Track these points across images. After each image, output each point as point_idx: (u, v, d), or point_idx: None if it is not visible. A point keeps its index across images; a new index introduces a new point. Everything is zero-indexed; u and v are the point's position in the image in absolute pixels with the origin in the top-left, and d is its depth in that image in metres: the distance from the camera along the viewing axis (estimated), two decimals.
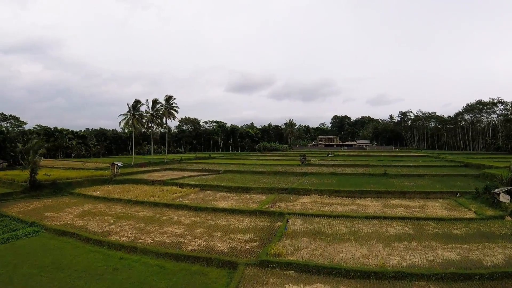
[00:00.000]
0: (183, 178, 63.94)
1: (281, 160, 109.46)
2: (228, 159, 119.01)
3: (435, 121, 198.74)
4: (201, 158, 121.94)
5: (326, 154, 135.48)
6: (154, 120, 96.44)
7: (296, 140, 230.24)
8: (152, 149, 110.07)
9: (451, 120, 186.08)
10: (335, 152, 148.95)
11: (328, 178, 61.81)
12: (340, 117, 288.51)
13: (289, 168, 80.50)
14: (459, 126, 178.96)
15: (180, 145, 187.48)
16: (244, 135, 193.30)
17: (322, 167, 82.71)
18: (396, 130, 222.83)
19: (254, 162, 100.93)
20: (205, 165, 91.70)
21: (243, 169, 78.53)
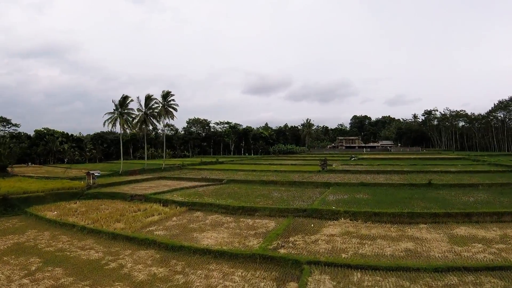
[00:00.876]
0: (172, 192, 51.29)
1: (297, 165, 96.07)
2: (238, 164, 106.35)
3: (464, 120, 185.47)
4: (207, 163, 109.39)
5: (348, 157, 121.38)
6: (147, 120, 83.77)
7: (314, 142, 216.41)
8: (146, 153, 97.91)
9: (482, 118, 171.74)
10: (358, 155, 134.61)
11: (358, 190, 48.18)
12: (359, 117, 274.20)
13: (307, 176, 67.07)
14: (491, 125, 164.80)
15: (188, 148, 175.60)
16: (257, 137, 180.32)
17: (347, 174, 69.15)
18: (421, 130, 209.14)
19: (267, 168, 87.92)
20: (208, 173, 79.23)
21: (252, 177, 65.45)
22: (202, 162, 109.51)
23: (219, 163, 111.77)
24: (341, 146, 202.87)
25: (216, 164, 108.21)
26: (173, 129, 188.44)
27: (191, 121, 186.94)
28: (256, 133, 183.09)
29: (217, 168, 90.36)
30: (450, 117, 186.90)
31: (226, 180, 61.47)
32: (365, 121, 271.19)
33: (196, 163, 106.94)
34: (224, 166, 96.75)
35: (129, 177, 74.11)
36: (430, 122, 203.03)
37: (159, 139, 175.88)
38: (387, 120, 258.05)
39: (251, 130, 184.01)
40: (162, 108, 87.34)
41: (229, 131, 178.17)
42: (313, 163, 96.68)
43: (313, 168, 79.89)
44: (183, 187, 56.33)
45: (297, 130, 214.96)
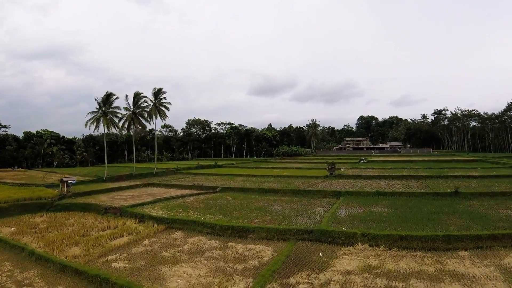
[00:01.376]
0: (154, 204, 44.29)
1: (302, 169, 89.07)
2: (238, 168, 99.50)
3: (476, 120, 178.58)
4: (204, 167, 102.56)
5: (357, 160, 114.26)
6: (135, 120, 76.82)
7: (319, 143, 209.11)
8: (135, 156, 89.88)
9: (495, 118, 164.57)
10: (368, 157, 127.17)
11: (374, 201, 40.89)
12: (366, 117, 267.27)
13: (313, 182, 59.86)
14: (505, 125, 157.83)
15: (187, 150, 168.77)
16: (260, 138, 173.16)
17: (358, 180, 61.90)
18: (431, 131, 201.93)
19: (269, 172, 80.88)
20: (203, 178, 72.45)
21: (250, 184, 58.47)
22: (199, 165, 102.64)
23: (218, 167, 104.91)
24: (348, 147, 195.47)
25: (214, 168, 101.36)
26: (172, 130, 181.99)
27: (190, 122, 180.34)
28: (259, 134, 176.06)
29: (214, 172, 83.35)
30: (462, 117, 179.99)
31: (221, 188, 54.37)
32: (372, 121, 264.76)
33: (193, 167, 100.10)
34: (223, 171, 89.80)
35: (114, 183, 67.38)
36: (440, 122, 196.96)
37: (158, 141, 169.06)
38: (395, 121, 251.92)
39: (254, 131, 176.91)
40: (153, 106, 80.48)
41: (230, 132, 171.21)
42: (320, 167, 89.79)
43: (319, 173, 72.74)
44: (170, 196, 49.27)
45: (302, 131, 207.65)
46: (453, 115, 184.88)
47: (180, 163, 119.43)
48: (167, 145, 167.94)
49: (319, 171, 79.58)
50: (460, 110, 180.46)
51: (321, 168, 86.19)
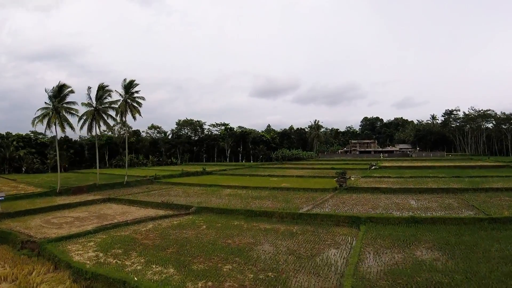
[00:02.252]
0: (91, 235, 31.63)
1: (305, 177, 76.51)
2: (229, 176, 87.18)
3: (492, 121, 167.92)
4: (190, 174, 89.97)
5: (367, 166, 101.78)
6: (98, 118, 64.14)
7: (322, 146, 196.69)
8: (98, 163, 76.39)
9: None
10: (378, 162, 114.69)
11: (413, 235, 28.05)
12: (371, 119, 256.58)
13: (319, 198, 47.14)
14: None
15: (176, 153, 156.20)
16: (257, 140, 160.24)
17: (377, 194, 49.32)
18: (442, 133, 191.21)
19: (264, 182, 68.30)
20: (181, 191, 60.08)
21: (236, 202, 45.78)
22: (184, 172, 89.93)
23: (206, 174, 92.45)
24: (355, 151, 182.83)
25: (201, 176, 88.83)
26: (161, 131, 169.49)
27: (181, 122, 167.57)
28: (256, 136, 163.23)
29: (198, 182, 70.57)
30: (476, 118, 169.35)
31: (195, 208, 41.51)
32: (376, 123, 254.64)
33: (176, 174, 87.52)
34: (209, 179, 77.25)
35: (68, 198, 54.91)
36: (450, 123, 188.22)
37: (144, 143, 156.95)
38: (400, 122, 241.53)
39: (250, 133, 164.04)
40: (123, 102, 67.85)
41: (224, 134, 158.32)
42: (325, 174, 77.53)
43: (326, 183, 60.41)
44: (123, 222, 36.59)
45: (304, 133, 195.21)
46: (466, 115, 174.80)
47: (166, 169, 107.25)
48: (154, 148, 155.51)
49: (325, 180, 67.17)
50: (474, 110, 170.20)
51: (327, 177, 73.87)
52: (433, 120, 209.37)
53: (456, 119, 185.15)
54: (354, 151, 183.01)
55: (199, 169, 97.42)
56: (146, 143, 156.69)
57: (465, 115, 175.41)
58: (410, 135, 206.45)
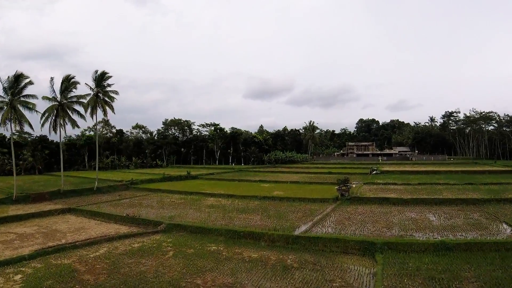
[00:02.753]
0: (16, 266, 24.13)
1: (300, 183, 69.56)
2: (215, 181, 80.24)
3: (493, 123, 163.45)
4: (173, 179, 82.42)
5: (367, 170, 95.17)
6: (63, 114, 56.44)
7: (318, 148, 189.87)
8: (63, 165, 68.32)
9: None
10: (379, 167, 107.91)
11: (448, 271, 21.06)
12: (366, 120, 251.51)
13: (319, 211, 39.85)
14: None
15: (162, 155, 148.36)
16: (249, 142, 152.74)
17: (387, 206, 42.31)
18: (441, 135, 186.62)
19: (254, 189, 61.26)
20: (156, 200, 52.74)
21: (216, 217, 38.30)
22: (166, 177, 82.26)
23: (191, 178, 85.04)
24: (352, 153, 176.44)
25: (186, 180, 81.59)
26: (146, 131, 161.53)
27: (168, 122, 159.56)
28: (247, 137, 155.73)
29: (179, 189, 62.87)
30: (477, 120, 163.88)
31: (166, 226, 33.97)
32: (372, 125, 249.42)
33: (156, 179, 79.91)
34: (193, 185, 69.88)
35: (24, 206, 47.35)
36: (450, 125, 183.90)
37: (128, 143, 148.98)
38: (396, 124, 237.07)
39: (241, 134, 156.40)
40: (93, 97, 60.18)
41: (213, 135, 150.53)
42: (323, 180, 70.90)
43: (324, 191, 53.60)
44: (69, 243, 29.10)
45: (298, 134, 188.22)
46: (467, 117, 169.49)
47: (148, 172, 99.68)
48: (139, 149, 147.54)
49: (324, 188, 60.31)
50: (475, 112, 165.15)
51: (325, 183, 67.16)
52: (432, 122, 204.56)
53: (456, 121, 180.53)
54: (351, 154, 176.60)
55: (183, 173, 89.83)
56: (130, 143, 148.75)
57: (466, 117, 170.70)
58: (408, 138, 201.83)
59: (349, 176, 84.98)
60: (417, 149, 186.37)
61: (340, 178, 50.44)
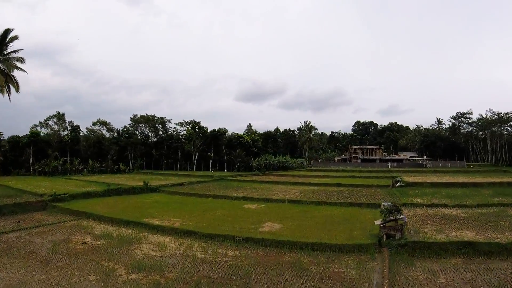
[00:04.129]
0: None
1: (303, 203, 49.23)
2: (181, 196, 60.42)
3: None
4: (122, 192, 61.96)
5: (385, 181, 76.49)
6: None
7: (315, 152, 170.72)
8: None
9: None
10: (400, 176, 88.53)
11: None
12: (364, 123, 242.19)
13: (355, 277, 19.46)
14: None
15: (128, 158, 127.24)
16: (234, 143, 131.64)
17: (482, 262, 21.95)
18: (452, 139, 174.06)
19: (234, 214, 40.96)
20: (62, 236, 31.93)
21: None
22: (112, 190, 61.43)
23: (148, 191, 64.66)
24: (356, 158, 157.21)
25: (138, 195, 61.10)
26: (111, 128, 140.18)
27: (137, 118, 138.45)
28: (232, 138, 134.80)
29: (112, 216, 41.91)
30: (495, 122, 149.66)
31: None
32: (370, 127, 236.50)
33: (97, 192, 59.25)
34: (141, 206, 49.06)
35: None
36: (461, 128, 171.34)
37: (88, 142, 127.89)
38: (395, 127, 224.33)
39: (224, 133, 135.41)
40: None
41: (191, 134, 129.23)
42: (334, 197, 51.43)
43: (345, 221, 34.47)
44: None
45: (293, 136, 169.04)
46: (483, 119, 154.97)
47: (98, 181, 79.38)
48: (100, 151, 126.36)
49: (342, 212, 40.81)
50: (492, 113, 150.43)
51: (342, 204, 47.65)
52: (439, 124, 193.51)
53: (470, 123, 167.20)
54: (355, 159, 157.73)
55: (140, 184, 69.11)
56: (89, 142, 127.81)
57: (481, 119, 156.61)
58: (413, 141, 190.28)
59: (366, 189, 66.55)
60: (426, 154, 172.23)
61: (386, 207, 29.60)
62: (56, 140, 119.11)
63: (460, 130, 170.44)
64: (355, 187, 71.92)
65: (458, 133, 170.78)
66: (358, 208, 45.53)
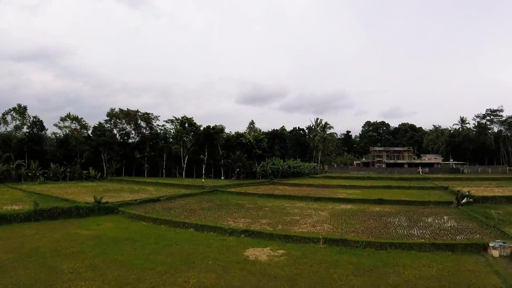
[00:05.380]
0: None
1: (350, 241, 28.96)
2: (147, 223, 40.23)
3: None
4: (57, 214, 42.10)
5: (431, 192, 58.49)
6: None
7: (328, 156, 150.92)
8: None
9: None
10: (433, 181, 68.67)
11: None
12: (375, 123, 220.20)
13: None
14: None
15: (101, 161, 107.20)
16: (233, 143, 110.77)
17: None
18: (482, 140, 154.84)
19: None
20: None
21: None
22: (38, 211, 41.45)
23: (102, 213, 44.99)
24: (380, 163, 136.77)
25: (79, 219, 41.28)
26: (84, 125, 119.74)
27: (115, 113, 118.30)
28: (230, 138, 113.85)
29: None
30: None
31: None
32: (381, 127, 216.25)
33: (20, 214, 39.46)
34: (56, 254, 29.22)
35: None
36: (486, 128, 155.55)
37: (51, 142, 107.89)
38: (408, 128, 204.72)
39: (221, 131, 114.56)
40: None
41: (179, 132, 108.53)
42: (384, 222, 32.33)
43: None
44: None
45: (303, 135, 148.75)
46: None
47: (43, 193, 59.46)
48: (69, 152, 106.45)
49: (434, 268, 20.47)
50: None
51: (423, 247, 27.67)
52: (462, 124, 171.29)
53: (502, 122, 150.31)
54: (378, 163, 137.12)
55: (89, 201, 49.14)
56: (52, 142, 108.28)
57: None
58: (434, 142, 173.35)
59: (423, 209, 48.31)
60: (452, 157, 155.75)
61: None
62: (9, 138, 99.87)
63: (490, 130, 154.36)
64: (405, 204, 53.07)
65: (487, 133, 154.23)
66: (454, 255, 26.54)
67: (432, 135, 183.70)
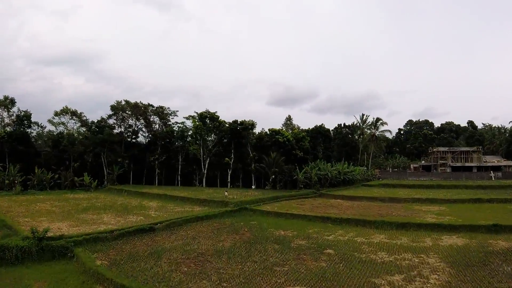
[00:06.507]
0: None
1: None
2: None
3: None
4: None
5: None
6: None
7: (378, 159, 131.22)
8: None
9: None
10: None
11: None
12: (417, 122, 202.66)
13: None
14: None
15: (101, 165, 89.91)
16: (266, 143, 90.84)
17: None
18: None
19: None
20: None
21: None
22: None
23: (42, 261, 25.76)
24: (444, 166, 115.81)
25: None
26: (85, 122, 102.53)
27: (120, 106, 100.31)
28: (264, 136, 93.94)
29: None
30: None
31: None
32: (425, 126, 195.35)
33: None
34: None
35: None
36: None
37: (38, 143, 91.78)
38: (453, 128, 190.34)
39: (251, 127, 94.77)
40: None
41: (198, 128, 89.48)
42: None
43: None
44: None
45: (349, 134, 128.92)
46: None
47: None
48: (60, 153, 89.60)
49: None
50: None
51: None
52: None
53: None
54: (442, 166, 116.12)
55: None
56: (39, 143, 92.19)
57: None
58: (491, 142, 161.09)
59: None
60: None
61: None
62: None
63: None
64: None
65: None
66: None
67: (488, 134, 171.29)
